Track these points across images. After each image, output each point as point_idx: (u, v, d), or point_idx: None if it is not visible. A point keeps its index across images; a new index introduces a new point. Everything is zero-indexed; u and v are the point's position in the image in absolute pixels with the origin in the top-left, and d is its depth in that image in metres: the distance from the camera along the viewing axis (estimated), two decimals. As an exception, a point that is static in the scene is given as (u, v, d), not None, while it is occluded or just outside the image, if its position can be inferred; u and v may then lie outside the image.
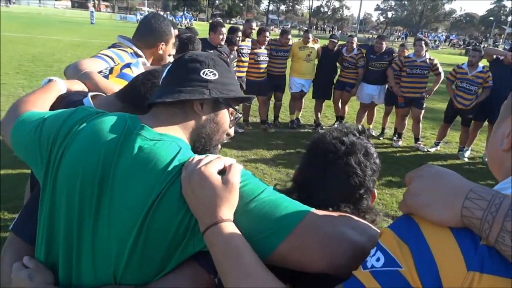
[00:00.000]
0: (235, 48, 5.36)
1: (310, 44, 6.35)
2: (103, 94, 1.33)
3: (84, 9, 53.50)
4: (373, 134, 6.72)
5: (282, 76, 6.42)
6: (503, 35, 54.04)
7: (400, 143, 6.27)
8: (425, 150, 6.07)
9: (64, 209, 0.86)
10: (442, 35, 58.87)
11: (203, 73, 0.93)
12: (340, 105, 6.82)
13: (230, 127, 1.03)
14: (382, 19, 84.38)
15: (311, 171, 0.96)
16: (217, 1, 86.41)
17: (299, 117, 7.09)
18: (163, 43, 2.10)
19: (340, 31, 66.21)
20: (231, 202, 0.78)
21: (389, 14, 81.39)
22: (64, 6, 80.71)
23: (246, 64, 5.83)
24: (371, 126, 6.86)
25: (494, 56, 5.64)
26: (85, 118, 0.92)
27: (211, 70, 0.94)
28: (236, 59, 5.51)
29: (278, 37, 6.38)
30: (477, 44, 40.69)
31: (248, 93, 6.18)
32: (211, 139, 0.97)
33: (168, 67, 0.98)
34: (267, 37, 5.92)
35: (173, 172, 0.81)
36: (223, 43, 4.77)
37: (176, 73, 0.96)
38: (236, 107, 1.02)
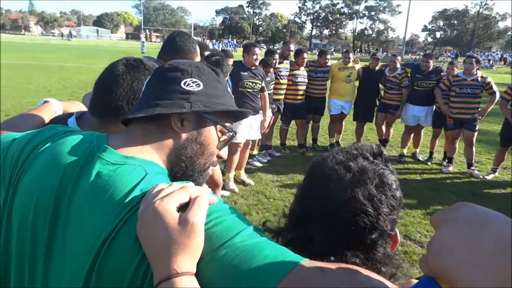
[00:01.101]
0: (272, 70, 5.30)
1: (350, 65, 6.14)
2: None
3: (137, 40, 57.12)
4: (420, 158, 6.26)
5: (322, 98, 6.22)
6: None
7: (450, 168, 5.76)
8: (480, 176, 5.52)
9: (15, 241, 0.75)
10: (497, 54, 55.74)
11: (184, 84, 0.78)
12: (384, 128, 6.47)
13: (219, 148, 0.85)
14: (430, 39, 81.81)
15: (308, 205, 0.76)
16: (260, 28, 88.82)
17: (339, 140, 6.80)
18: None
19: (385, 53, 64.99)
20: (192, 249, 0.60)
21: (438, 34, 78.78)
22: (119, 38, 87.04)
23: (284, 86, 5.73)
24: (417, 150, 6.41)
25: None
26: (50, 138, 0.81)
27: (194, 79, 0.79)
28: (274, 82, 5.43)
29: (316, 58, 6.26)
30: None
31: (286, 117, 6.15)
32: (194, 163, 0.81)
33: (147, 78, 0.85)
34: (305, 58, 5.81)
35: (130, 204, 0.66)
36: (257, 63, 4.69)
37: (154, 84, 0.81)
38: (228, 124, 0.84)
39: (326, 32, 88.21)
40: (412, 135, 6.31)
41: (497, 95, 5.40)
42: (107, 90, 1.06)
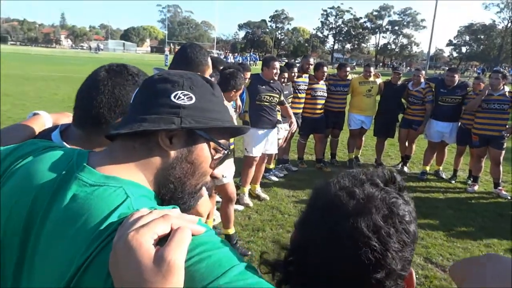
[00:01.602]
0: (291, 83, 5.25)
1: (371, 79, 6.03)
2: None
3: (161, 53, 58.56)
4: (443, 176, 6.02)
5: (341, 112, 6.11)
6: None
7: (475, 188, 5.50)
8: (508, 197, 5.24)
9: None
10: (526, 69, 53.93)
11: (174, 97, 0.71)
12: (407, 144, 6.27)
13: (213, 168, 0.78)
14: (455, 54, 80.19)
15: (307, 233, 0.67)
16: (282, 42, 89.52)
17: (358, 156, 6.64)
18: (198, 73, 2.02)
19: (408, 68, 64.06)
20: None
21: (463, 49, 77.19)
22: (145, 51, 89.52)
23: (303, 100, 5.66)
24: (441, 168, 6.17)
25: None
26: (30, 153, 0.75)
27: (185, 92, 0.72)
28: (292, 95, 5.38)
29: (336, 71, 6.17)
30: None
31: (304, 131, 6.06)
32: (184, 184, 0.73)
33: (136, 90, 0.79)
34: (325, 71, 5.74)
35: (106, 232, 0.58)
36: (276, 78, 4.65)
37: (142, 97, 0.75)
38: (223, 141, 0.77)
39: (348, 46, 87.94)
40: (436, 152, 6.09)
41: (527, 111, 5.16)
42: (87, 98, 1.00)
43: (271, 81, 4.57)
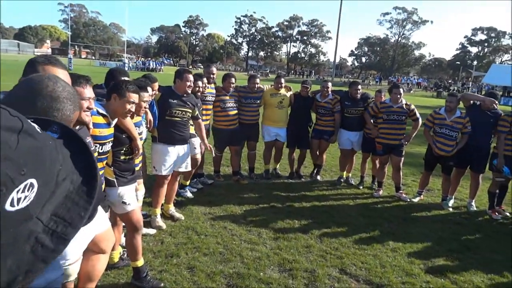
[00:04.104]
0: (199, 95, 5.03)
1: (282, 91, 6.08)
2: None
3: (64, 56, 53.58)
4: (352, 183, 6.36)
5: (254, 125, 6.05)
6: (470, 78, 56.76)
7: (380, 192, 5.90)
8: (408, 200, 5.71)
9: None
10: (414, 79, 61.46)
11: None
12: (318, 153, 6.47)
13: None
14: (356, 63, 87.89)
15: None
16: (197, 48, 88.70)
17: (277, 167, 6.66)
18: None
19: (317, 75, 68.35)
20: None
21: (363, 59, 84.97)
22: (44, 53, 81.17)
23: (210, 112, 5.48)
24: (350, 175, 6.51)
25: (472, 102, 5.50)
26: None
27: None
28: (201, 107, 5.16)
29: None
30: (447, 87, 42.49)
31: (219, 142, 5.87)
32: None
33: None
34: (233, 83, 5.62)
35: None
36: (190, 91, 4.37)
37: None
38: None
39: (262, 53, 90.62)
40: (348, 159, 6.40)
41: (420, 121, 5.68)
42: None
43: (184, 94, 4.30)
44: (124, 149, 3.04)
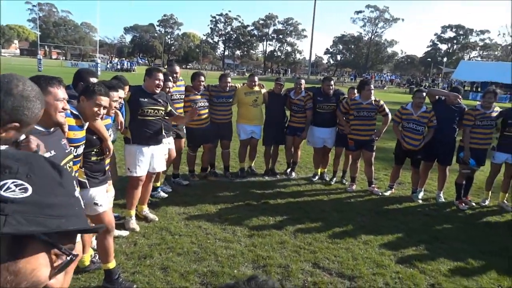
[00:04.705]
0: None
1: (256, 89, 6.12)
2: None
3: (33, 57, 51.84)
4: (327, 179, 6.46)
5: (227, 124, 6.05)
6: (440, 75, 58.63)
7: (354, 187, 6.03)
8: (380, 194, 5.86)
9: None
10: (387, 76, 62.88)
11: (1, 187, 0.54)
12: (293, 150, 6.54)
13: (50, 277, 0.58)
14: (332, 61, 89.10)
15: None
16: (173, 47, 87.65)
17: (252, 165, 6.69)
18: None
19: (293, 73, 68.86)
20: None
21: (338, 57, 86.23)
22: (12, 53, 78.12)
23: (180, 111, 5.40)
24: (325, 170, 6.61)
25: (437, 97, 5.70)
26: None
27: (18, 181, 0.56)
28: None
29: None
30: (418, 84, 43.71)
31: (193, 143, 5.84)
32: None
33: None
34: (202, 81, 5.59)
35: None
36: (159, 89, 4.32)
37: None
38: (66, 246, 0.59)
39: (238, 52, 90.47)
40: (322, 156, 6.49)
41: (390, 116, 5.84)
42: None
43: (155, 92, 4.25)
44: (95, 150, 3.01)
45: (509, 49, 69.42)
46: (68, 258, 0.59)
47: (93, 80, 3.37)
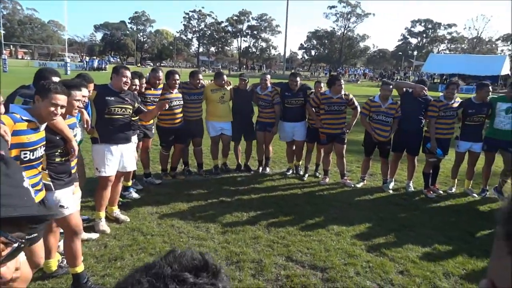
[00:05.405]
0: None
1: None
2: None
3: (-2, 57, 49.61)
4: (301, 173, 6.53)
5: (198, 121, 6.01)
6: (411, 68, 60.18)
7: (327, 180, 6.12)
8: (352, 185, 5.97)
9: None
10: (360, 70, 63.97)
11: None
12: (265, 146, 6.56)
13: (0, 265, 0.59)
14: (306, 56, 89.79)
15: None
16: (145, 45, 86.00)
17: (226, 162, 6.66)
18: None
19: (269, 69, 69.01)
20: None
21: (312, 52, 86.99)
22: (-25, 54, 74.65)
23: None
24: (300, 163, 6.66)
25: (404, 89, 5.84)
26: None
27: None
28: None
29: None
30: (390, 77, 44.74)
31: (166, 142, 5.77)
32: None
33: None
34: (177, 80, 5.53)
35: None
36: (126, 87, 4.22)
37: None
38: (15, 234, 0.60)
39: (213, 49, 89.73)
40: (295, 150, 6.53)
41: (359, 109, 5.94)
42: None
43: (121, 91, 4.16)
44: (59, 150, 2.91)
45: (474, 42, 72.08)
46: (16, 245, 0.59)
47: (55, 79, 3.26)
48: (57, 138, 2.87)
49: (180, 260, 0.55)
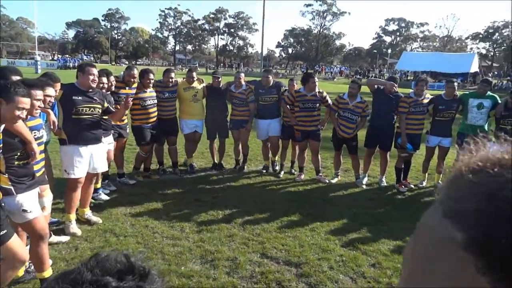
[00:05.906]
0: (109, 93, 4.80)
1: (195, 84, 6.06)
2: None
3: (-37, 55, 47.50)
4: (277, 168, 6.56)
5: (173, 119, 5.96)
6: (386, 65, 61.45)
7: (302, 177, 6.18)
8: (327, 181, 6.05)
9: None
10: (337, 68, 64.82)
11: None
12: (240, 145, 6.55)
13: None
14: (284, 54, 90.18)
15: None
16: (120, 43, 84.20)
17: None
18: None
19: (246, 67, 68.91)
20: None
21: (290, 50, 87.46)
22: None
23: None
24: (276, 159, 6.67)
25: (376, 86, 5.96)
26: None
27: None
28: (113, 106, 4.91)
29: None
30: (365, 74, 45.57)
31: (141, 140, 5.67)
32: None
33: None
34: (151, 79, 5.45)
35: None
36: (94, 85, 4.11)
37: None
38: None
39: (189, 47, 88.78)
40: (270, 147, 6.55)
41: (332, 106, 6.03)
42: None
43: (89, 90, 4.05)
44: (18, 153, 2.80)
45: (445, 40, 74.32)
46: None
47: (16, 78, 3.14)
48: (16, 140, 2.75)
49: (102, 264, 0.52)
